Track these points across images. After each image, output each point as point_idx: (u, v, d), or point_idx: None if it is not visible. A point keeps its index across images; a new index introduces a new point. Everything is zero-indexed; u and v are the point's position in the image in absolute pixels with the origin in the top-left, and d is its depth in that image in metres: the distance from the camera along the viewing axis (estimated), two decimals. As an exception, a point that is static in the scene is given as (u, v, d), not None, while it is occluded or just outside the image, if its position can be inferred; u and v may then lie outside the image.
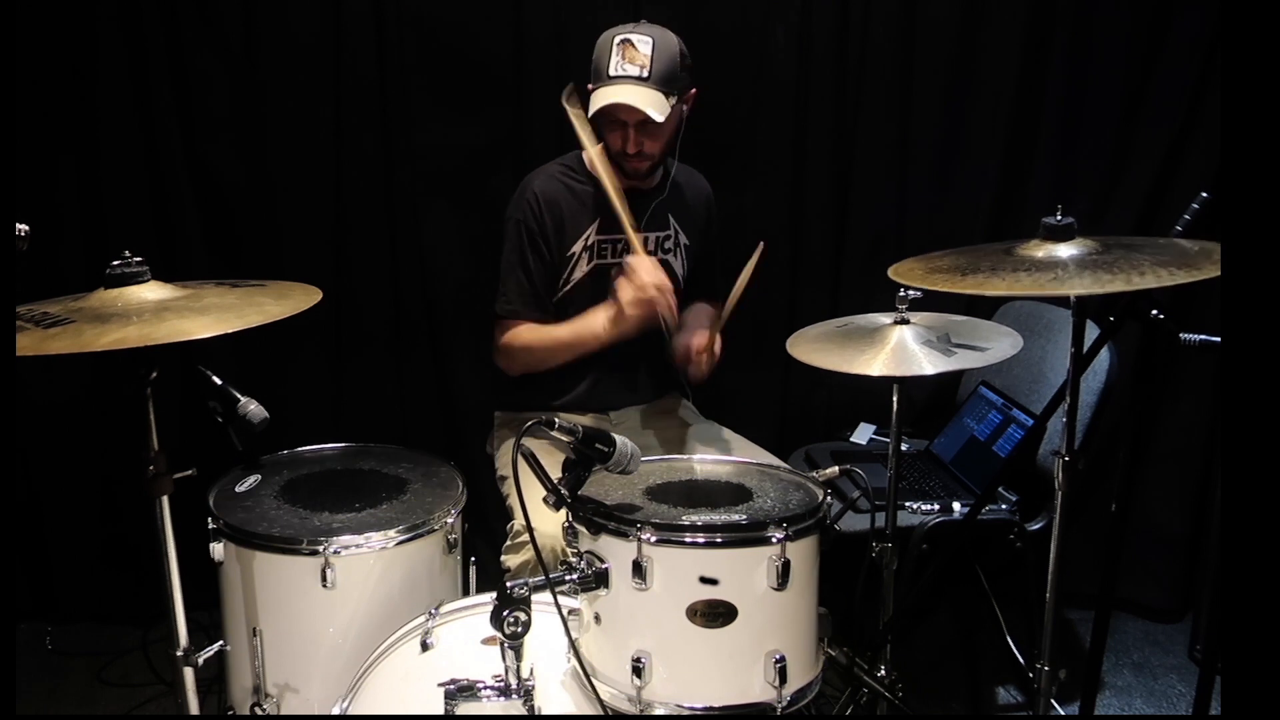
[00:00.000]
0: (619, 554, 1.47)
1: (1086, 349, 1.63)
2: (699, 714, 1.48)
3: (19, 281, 1.38)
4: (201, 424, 1.62)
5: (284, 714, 1.86)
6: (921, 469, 2.47)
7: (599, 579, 1.49)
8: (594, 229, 2.19)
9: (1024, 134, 2.69)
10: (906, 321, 1.94)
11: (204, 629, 1.92)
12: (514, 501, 1.97)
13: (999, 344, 1.91)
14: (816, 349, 1.93)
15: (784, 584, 1.47)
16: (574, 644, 1.53)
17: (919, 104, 2.70)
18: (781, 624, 1.50)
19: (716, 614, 1.45)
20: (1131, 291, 1.40)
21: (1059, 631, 1.75)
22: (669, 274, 2.28)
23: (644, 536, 1.45)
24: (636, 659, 1.47)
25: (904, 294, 1.92)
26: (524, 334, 2.19)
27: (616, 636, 1.50)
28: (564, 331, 2.15)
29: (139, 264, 1.55)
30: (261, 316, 1.50)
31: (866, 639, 2.01)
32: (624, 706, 1.49)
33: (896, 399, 1.94)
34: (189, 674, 1.63)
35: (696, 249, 2.35)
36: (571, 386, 2.26)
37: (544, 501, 1.49)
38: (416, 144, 2.63)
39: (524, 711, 1.44)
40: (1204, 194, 1.56)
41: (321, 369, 2.72)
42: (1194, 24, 2.56)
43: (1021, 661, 2.30)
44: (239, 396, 1.56)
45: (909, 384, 1.95)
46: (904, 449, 2.38)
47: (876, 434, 2.74)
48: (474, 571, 2.03)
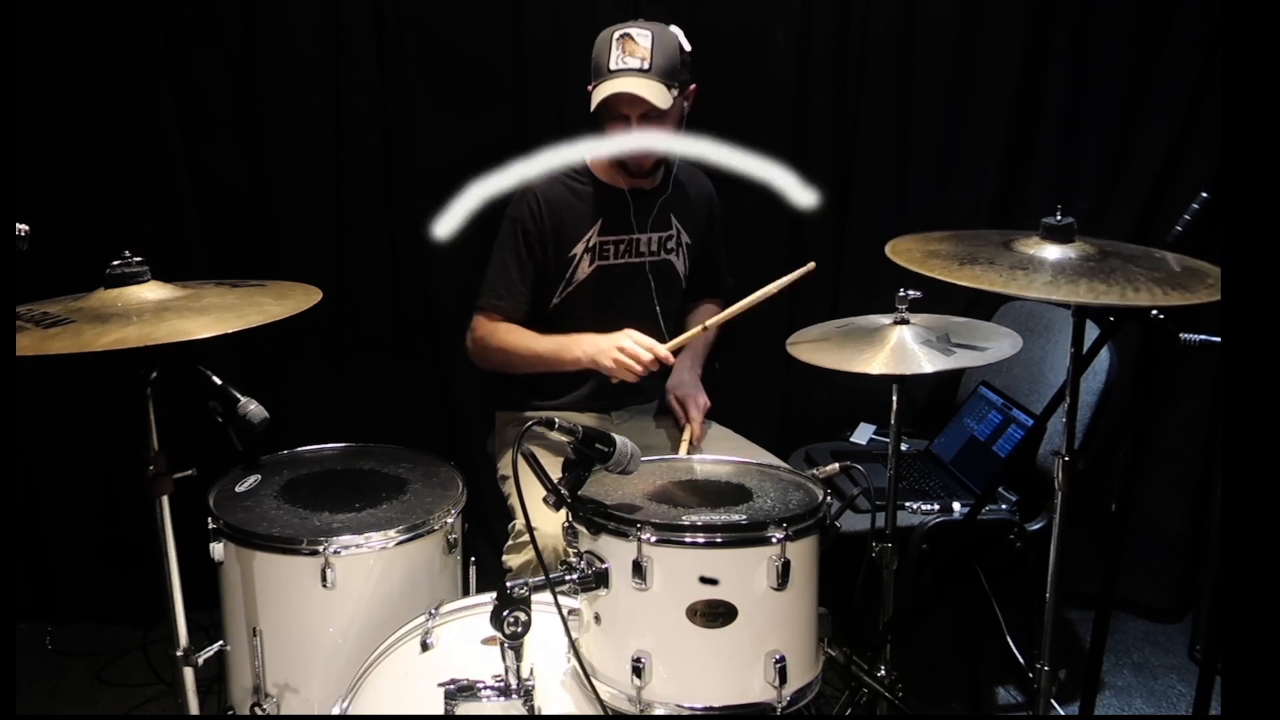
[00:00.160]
0: (619, 554, 1.47)
1: (1086, 349, 1.63)
2: (699, 714, 1.48)
3: (19, 281, 1.39)
4: (201, 424, 1.62)
5: (284, 714, 1.86)
6: (921, 469, 2.47)
7: (599, 579, 1.49)
8: (595, 230, 2.19)
9: (1024, 134, 2.68)
10: (906, 321, 1.94)
11: (204, 629, 1.92)
12: (514, 501, 1.97)
13: (999, 344, 1.91)
14: (816, 349, 1.93)
15: (784, 584, 1.47)
16: (574, 644, 1.53)
17: (919, 104, 2.70)
18: (781, 624, 1.51)
19: (716, 614, 1.45)
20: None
21: (1059, 631, 1.75)
22: (670, 274, 2.29)
23: (644, 536, 1.45)
24: (636, 659, 1.47)
25: (904, 294, 1.93)
26: (501, 333, 2.17)
27: (616, 636, 1.50)
28: (544, 346, 2.13)
29: (139, 264, 1.55)
30: (261, 316, 1.51)
31: (866, 639, 2.01)
32: (624, 706, 1.49)
33: (896, 399, 1.94)
34: (189, 674, 1.63)
35: (699, 247, 2.35)
36: (573, 386, 2.27)
37: (544, 501, 1.49)
38: (416, 144, 2.63)
39: (524, 711, 1.44)
40: (1204, 194, 1.55)
41: (321, 369, 2.71)
42: (1194, 24, 2.56)
43: (1021, 661, 2.30)
44: (239, 396, 1.56)
45: (909, 384, 1.96)
46: (904, 449, 2.38)
47: (876, 434, 2.73)
48: (474, 571, 2.03)
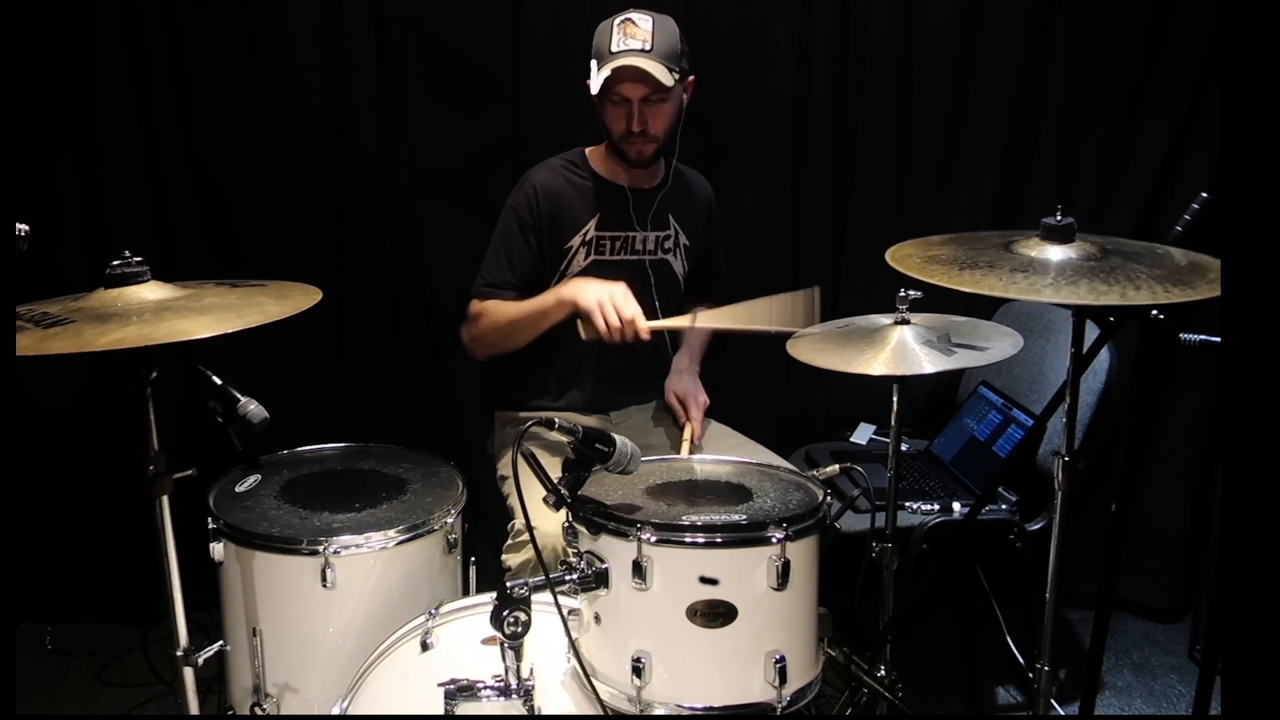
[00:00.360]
0: (619, 554, 1.47)
1: (1086, 349, 1.63)
2: (699, 714, 1.48)
3: (19, 281, 1.38)
4: (201, 424, 1.62)
5: (284, 714, 1.86)
6: (921, 469, 2.47)
7: (599, 579, 1.49)
8: (593, 224, 2.19)
9: (1024, 133, 2.68)
10: (907, 322, 1.94)
11: (204, 629, 1.92)
12: (514, 501, 1.97)
13: (999, 344, 1.91)
14: (816, 349, 1.93)
15: (784, 584, 1.47)
16: (574, 644, 1.53)
17: (919, 105, 2.70)
18: (781, 624, 1.50)
19: (716, 614, 1.45)
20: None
21: (1059, 631, 1.75)
22: (668, 274, 2.29)
23: (644, 536, 1.45)
24: (636, 659, 1.47)
25: (904, 294, 1.93)
26: (491, 308, 2.16)
27: (616, 636, 1.50)
28: (533, 302, 2.10)
29: (139, 264, 1.55)
30: (261, 316, 1.50)
31: (866, 639, 2.01)
32: (624, 706, 1.49)
33: (896, 399, 1.94)
34: (189, 674, 1.63)
35: (697, 249, 2.35)
36: (572, 387, 2.27)
37: (544, 501, 1.49)
38: (416, 144, 2.63)
39: (524, 711, 1.44)
40: (1204, 194, 1.55)
41: (321, 369, 2.71)
42: (1194, 24, 2.55)
43: (1021, 661, 2.30)
44: (239, 396, 1.56)
45: (909, 384, 1.96)
46: (904, 449, 2.38)
47: (876, 434, 2.73)
48: (474, 571, 2.03)
